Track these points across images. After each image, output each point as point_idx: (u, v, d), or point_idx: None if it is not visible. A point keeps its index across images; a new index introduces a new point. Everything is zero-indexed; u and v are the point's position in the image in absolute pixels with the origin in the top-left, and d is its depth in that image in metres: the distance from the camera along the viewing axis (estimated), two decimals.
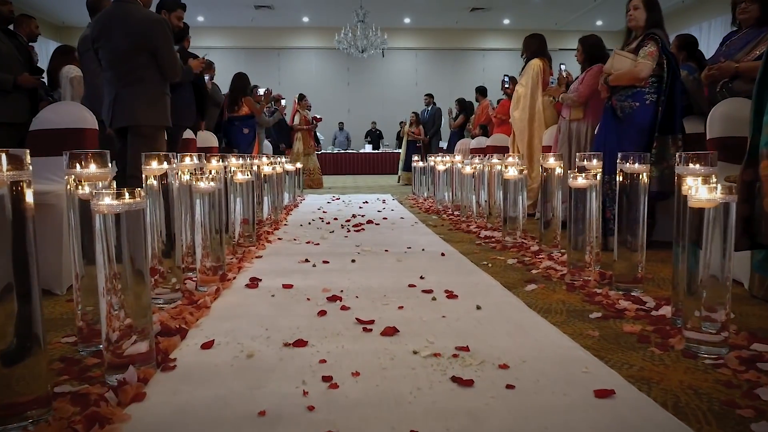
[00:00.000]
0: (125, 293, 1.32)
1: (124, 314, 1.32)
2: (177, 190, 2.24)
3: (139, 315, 1.35)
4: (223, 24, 15.66)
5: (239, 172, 3.34)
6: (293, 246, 3.50)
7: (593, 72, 4.14)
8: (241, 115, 6.24)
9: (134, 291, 1.33)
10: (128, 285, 1.32)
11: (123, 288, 1.31)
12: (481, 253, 3.25)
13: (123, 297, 1.32)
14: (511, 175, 3.45)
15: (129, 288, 1.32)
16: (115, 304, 1.31)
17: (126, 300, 1.32)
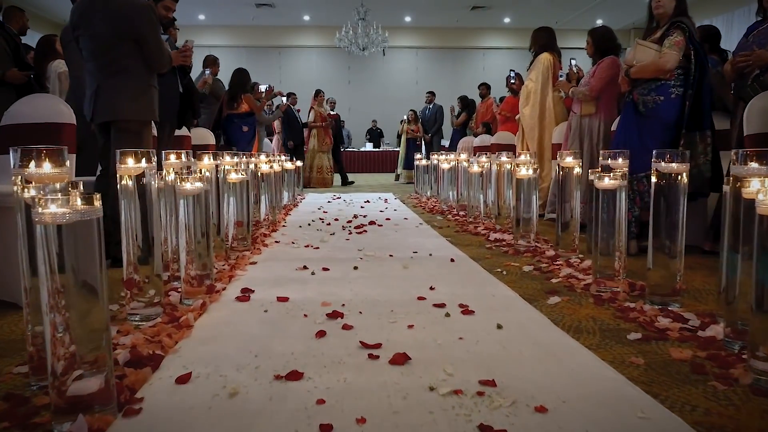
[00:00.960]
0: (70, 311, 1.06)
1: (69, 339, 1.07)
2: (157, 190, 1.98)
3: (86, 341, 1.09)
4: (223, 22, 15.44)
5: (233, 171, 3.09)
6: (291, 250, 3.25)
7: (605, 64, 3.89)
8: (240, 112, 5.99)
9: (80, 309, 1.07)
10: (73, 301, 1.06)
11: (67, 305, 1.06)
12: (493, 258, 3.00)
13: (68, 315, 1.06)
14: (524, 175, 3.20)
15: (74, 306, 1.07)
16: (59, 324, 1.06)
17: (71, 320, 1.07)
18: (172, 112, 3.94)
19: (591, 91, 3.90)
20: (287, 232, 3.95)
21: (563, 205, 2.93)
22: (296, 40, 16.44)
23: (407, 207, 5.78)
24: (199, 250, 2.13)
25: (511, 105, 6.20)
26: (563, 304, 2.09)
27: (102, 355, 1.13)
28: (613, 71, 3.88)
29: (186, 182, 2.01)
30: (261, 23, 15.53)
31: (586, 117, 3.98)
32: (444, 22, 15.97)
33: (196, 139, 5.12)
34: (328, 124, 9.20)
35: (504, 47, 17.13)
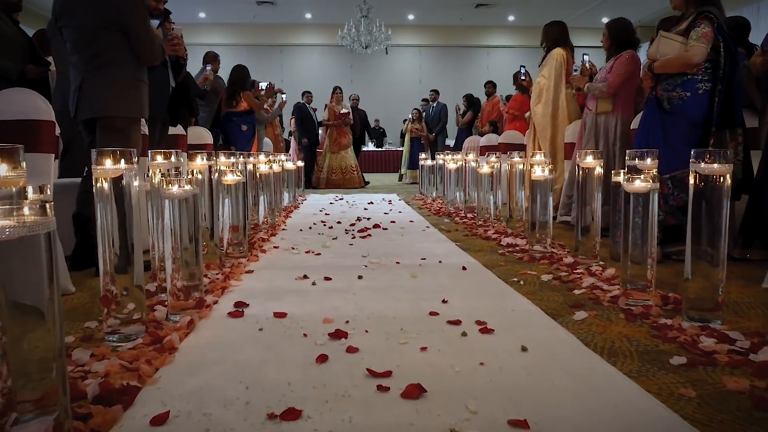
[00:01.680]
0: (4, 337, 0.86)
1: (6, 370, 0.87)
2: (144, 193, 1.77)
3: (27, 374, 0.89)
4: (224, 21, 15.26)
5: (228, 171, 2.89)
6: (291, 256, 3.04)
7: (623, 59, 3.68)
8: (239, 110, 5.78)
9: (16, 334, 0.87)
10: (8, 326, 0.86)
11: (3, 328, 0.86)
12: (507, 265, 2.79)
13: (4, 341, 0.86)
14: (540, 176, 2.99)
15: (9, 331, 0.86)
16: None
17: (8, 348, 0.86)
18: (163, 108, 3.74)
19: (608, 87, 3.68)
20: (287, 237, 3.75)
21: (583, 209, 2.73)
22: (298, 38, 16.27)
23: (412, 209, 5.58)
24: (187, 258, 1.92)
25: (519, 103, 6.00)
26: (591, 321, 1.88)
27: (51, 391, 0.92)
28: (632, 67, 3.68)
29: (172, 185, 1.81)
30: (262, 21, 15.35)
31: (602, 115, 3.77)
32: (447, 20, 15.77)
33: (193, 138, 4.92)
34: (340, 122, 8.74)
35: (508, 45, 16.96)
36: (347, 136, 8.85)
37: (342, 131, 8.80)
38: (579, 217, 2.75)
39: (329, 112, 8.77)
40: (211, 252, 2.68)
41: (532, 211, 3.04)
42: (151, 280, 2.30)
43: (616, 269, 2.50)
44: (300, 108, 9.00)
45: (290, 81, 15.40)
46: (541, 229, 3.04)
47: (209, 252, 2.66)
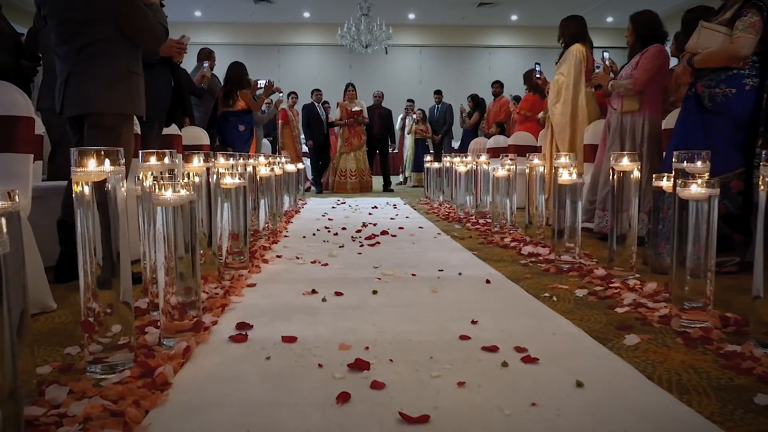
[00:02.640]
0: None
1: None
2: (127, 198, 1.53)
3: None
4: (221, 19, 15.00)
5: (228, 174, 2.64)
6: (295, 267, 2.80)
7: (650, 54, 3.45)
8: (236, 110, 5.52)
9: None
10: None
11: None
12: (533, 278, 2.55)
13: None
14: (567, 180, 2.76)
15: None
16: None
17: None
18: (163, 109, 3.51)
19: (634, 84, 3.45)
20: (290, 244, 3.50)
21: (619, 215, 2.49)
22: (296, 37, 16.02)
23: (419, 214, 5.34)
24: (182, 270, 1.67)
25: (531, 103, 5.78)
26: (645, 346, 1.64)
27: None
28: (660, 61, 3.45)
29: (165, 189, 1.56)
30: (259, 20, 15.10)
31: (628, 114, 3.54)
32: (449, 19, 15.55)
33: (187, 139, 4.68)
34: (352, 121, 8.18)
35: (510, 46, 16.75)
36: (360, 136, 8.28)
37: (354, 131, 8.24)
38: (614, 225, 2.51)
39: (341, 110, 8.28)
40: (209, 262, 2.43)
41: (558, 218, 2.80)
42: (142, 295, 2.05)
43: (657, 283, 2.27)
44: (307, 108, 8.54)
45: (288, 81, 15.14)
46: (568, 237, 2.80)
47: (207, 262, 2.41)
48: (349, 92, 8.26)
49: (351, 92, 8.25)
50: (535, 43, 16.80)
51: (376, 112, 8.64)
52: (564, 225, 2.78)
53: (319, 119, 8.37)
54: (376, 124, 8.63)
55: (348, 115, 8.15)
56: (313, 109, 8.48)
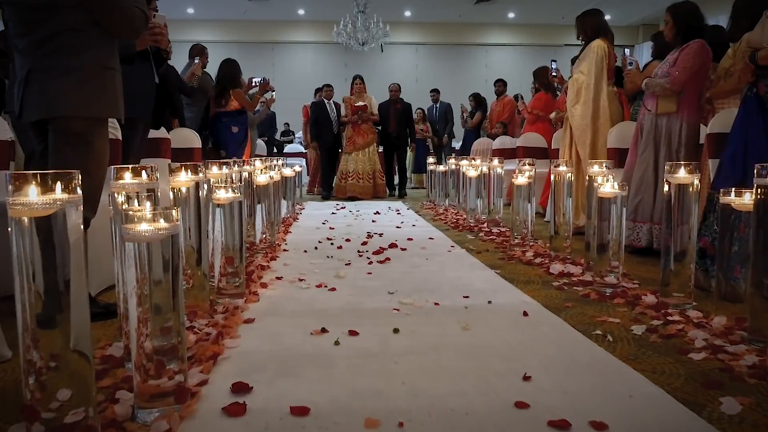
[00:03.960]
0: None
1: None
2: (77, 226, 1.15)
3: None
4: (214, 17, 14.57)
5: (221, 188, 2.28)
6: (299, 293, 2.43)
7: (692, 50, 3.12)
8: (229, 110, 5.13)
9: None
10: None
11: None
12: (575, 307, 2.21)
13: None
14: (609, 192, 2.41)
15: None
16: None
17: None
18: (147, 109, 3.14)
19: (673, 83, 3.11)
20: (290, 261, 3.14)
21: (677, 230, 2.14)
22: (290, 35, 15.65)
23: (426, 221, 4.98)
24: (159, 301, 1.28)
25: (544, 102, 5.43)
26: (752, 416, 1.30)
27: None
28: (701, 59, 3.11)
29: (138, 223, 1.20)
30: (253, 18, 14.70)
31: (664, 116, 3.20)
32: (445, 17, 15.23)
33: (178, 142, 4.32)
34: (356, 117, 7.28)
35: (507, 44, 16.45)
36: (366, 135, 7.28)
37: (359, 129, 7.28)
38: (672, 245, 2.16)
39: (345, 105, 7.43)
40: (198, 286, 2.07)
41: (599, 235, 2.45)
42: (117, 336, 1.69)
43: (727, 317, 1.93)
44: (316, 106, 7.71)
45: (282, 79, 14.77)
46: (610, 256, 2.45)
47: (195, 286, 2.05)
48: (357, 85, 7.40)
49: (359, 85, 7.40)
50: (533, 41, 16.54)
51: (392, 108, 7.65)
52: (606, 240, 2.43)
53: (329, 118, 7.51)
54: (391, 121, 7.61)
55: (352, 110, 7.32)
56: (323, 107, 7.66)
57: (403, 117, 7.67)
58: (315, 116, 7.51)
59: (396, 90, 7.82)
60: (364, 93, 7.37)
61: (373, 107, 7.31)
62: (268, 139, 8.25)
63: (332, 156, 7.57)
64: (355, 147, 7.22)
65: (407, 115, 7.77)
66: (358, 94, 7.35)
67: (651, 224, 3.24)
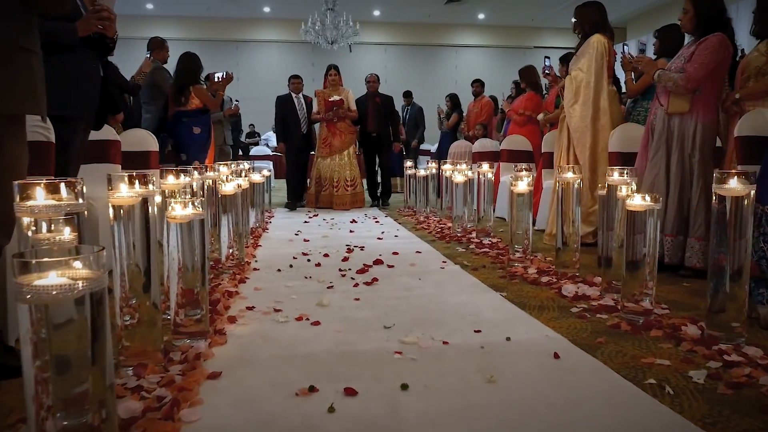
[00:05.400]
0: None
1: None
2: None
3: None
4: (175, 13, 13.91)
5: (179, 203, 1.84)
6: (275, 330, 2.01)
7: (710, 45, 2.80)
8: (190, 109, 4.63)
9: None
10: None
11: None
12: (609, 343, 1.85)
13: None
14: (639, 205, 2.06)
15: None
16: None
17: None
18: (90, 107, 2.67)
19: (688, 81, 2.80)
20: (262, 283, 2.70)
21: (731, 245, 1.80)
22: (255, 33, 15.13)
23: (408, 230, 4.59)
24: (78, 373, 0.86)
25: (535, 103, 5.11)
26: None
27: None
28: (721, 55, 2.81)
29: (43, 271, 0.77)
30: (216, 14, 14.12)
31: (677, 116, 2.89)
32: (415, 17, 14.97)
33: (131, 145, 3.83)
34: (330, 115, 6.10)
35: (477, 45, 16.30)
36: (343, 135, 6.16)
37: (334, 128, 6.15)
38: (727, 264, 1.81)
39: (318, 100, 6.23)
40: (147, 322, 1.63)
41: (629, 251, 2.10)
42: None
43: None
44: (282, 100, 6.40)
45: (247, 79, 14.28)
46: (637, 278, 2.10)
47: (143, 321, 1.62)
48: (331, 77, 6.19)
49: (333, 77, 6.19)
50: (503, 42, 16.45)
51: (370, 103, 6.43)
52: (637, 257, 2.08)
53: (296, 115, 6.29)
54: (370, 117, 6.40)
55: (326, 106, 6.12)
56: (289, 102, 6.33)
57: (384, 112, 6.51)
58: (281, 113, 6.33)
59: (374, 81, 6.60)
60: (340, 86, 6.22)
61: (351, 102, 6.25)
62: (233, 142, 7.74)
63: (300, 159, 6.41)
64: (331, 150, 6.14)
65: (389, 110, 6.62)
66: (333, 86, 6.18)
67: (662, 236, 2.93)
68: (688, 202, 2.85)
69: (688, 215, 2.83)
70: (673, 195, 2.88)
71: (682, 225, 2.83)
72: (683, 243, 2.83)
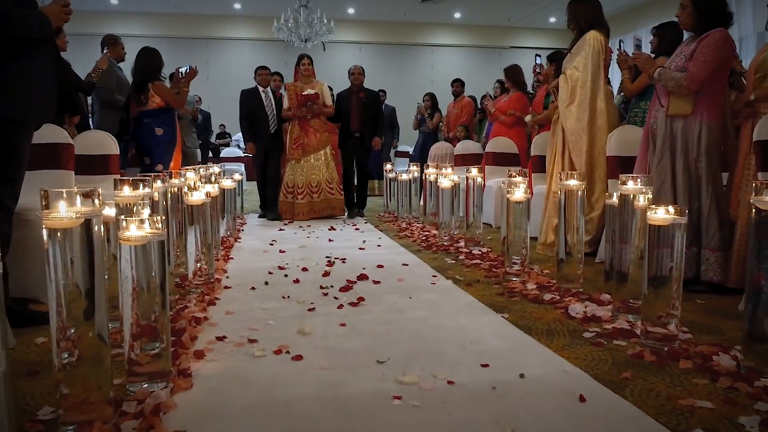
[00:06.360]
0: None
1: None
2: None
3: None
4: (141, 9, 13.41)
5: (133, 223, 1.54)
6: (250, 368, 1.72)
7: (713, 41, 2.60)
8: (151, 108, 4.27)
9: None
10: None
11: None
12: (639, 378, 1.62)
13: None
14: (662, 219, 1.84)
15: None
16: None
17: None
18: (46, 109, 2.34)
19: (690, 80, 2.59)
20: (235, 305, 2.41)
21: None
22: (226, 31, 14.72)
23: (391, 239, 4.32)
24: None
25: (523, 103, 4.89)
26: None
27: None
28: (725, 51, 2.61)
29: None
30: (185, 11, 13.67)
31: (680, 118, 2.68)
32: (390, 15, 14.75)
33: (88, 148, 3.51)
34: (303, 111, 5.31)
35: (453, 44, 16.17)
36: (318, 133, 5.42)
37: (308, 126, 5.38)
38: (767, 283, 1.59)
39: (288, 94, 5.40)
40: (91, 360, 1.34)
41: (650, 270, 1.87)
42: None
43: None
44: (248, 95, 5.55)
45: (217, 78, 13.88)
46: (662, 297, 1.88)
47: (85, 359, 1.32)
48: (304, 67, 5.39)
49: (307, 67, 5.38)
50: (479, 42, 16.35)
51: (354, 99, 5.62)
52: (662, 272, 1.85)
53: (264, 111, 5.47)
54: (354, 115, 5.60)
55: (298, 101, 5.33)
56: (255, 96, 5.52)
57: (369, 110, 5.66)
58: (246, 108, 5.50)
59: (359, 74, 5.70)
60: (313, 78, 5.47)
61: (327, 97, 5.51)
62: (202, 143, 7.37)
63: (271, 162, 5.54)
64: (304, 151, 5.37)
65: (374, 108, 5.76)
66: (306, 78, 5.41)
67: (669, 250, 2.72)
68: (698, 211, 2.64)
69: (699, 225, 2.63)
70: (682, 204, 2.67)
71: (695, 235, 2.62)
72: (697, 255, 2.62)
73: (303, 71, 5.38)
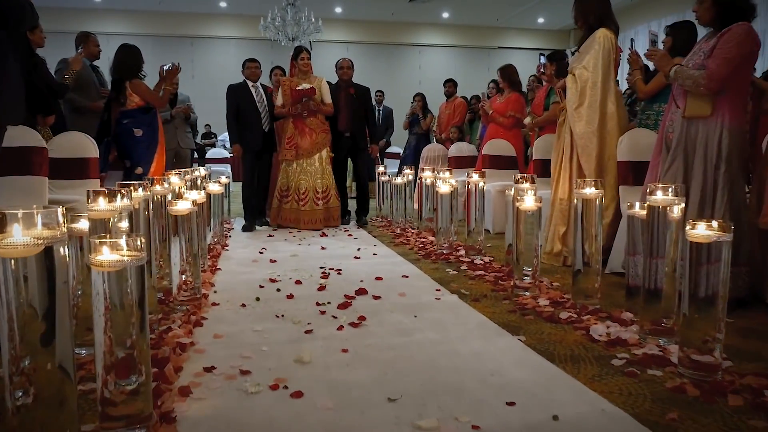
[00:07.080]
0: None
1: None
2: None
3: None
4: (125, 6, 13.06)
5: (106, 245, 1.31)
6: (243, 409, 1.50)
7: (734, 36, 2.40)
8: (130, 108, 4.01)
9: None
10: None
11: None
12: (686, 420, 1.43)
13: None
14: (703, 236, 1.65)
15: None
16: None
17: None
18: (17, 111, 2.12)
19: (710, 79, 2.40)
20: (224, 327, 2.18)
21: None
22: (211, 29, 14.45)
23: (386, 246, 4.11)
24: None
25: (520, 104, 4.71)
26: None
27: None
28: (748, 47, 2.41)
29: None
30: (170, 9, 13.37)
31: (697, 120, 2.50)
32: (378, 15, 14.58)
33: (65, 151, 3.26)
34: (298, 108, 4.81)
35: (441, 44, 16.04)
36: (314, 134, 4.88)
37: (303, 125, 4.87)
38: None
39: (284, 91, 4.86)
40: (50, 401, 1.13)
41: (692, 290, 1.68)
42: None
43: None
44: (236, 90, 5.03)
45: (202, 77, 13.59)
46: (707, 320, 1.69)
47: (42, 399, 1.12)
48: (303, 62, 4.88)
49: (305, 62, 4.89)
50: (467, 42, 16.23)
51: (343, 95, 5.08)
52: (709, 292, 1.66)
53: (255, 108, 4.98)
54: (343, 113, 5.08)
55: (293, 97, 4.81)
56: (244, 91, 5.00)
57: (360, 107, 5.16)
58: (235, 105, 4.97)
59: (348, 67, 5.20)
60: (310, 73, 4.93)
61: (326, 94, 4.94)
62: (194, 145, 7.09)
63: (262, 165, 5.13)
64: (298, 153, 4.86)
65: (365, 104, 5.23)
66: (303, 74, 4.88)
67: None
68: None
69: None
70: (691, 213, 2.48)
71: None
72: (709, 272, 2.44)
73: (301, 66, 4.88)
